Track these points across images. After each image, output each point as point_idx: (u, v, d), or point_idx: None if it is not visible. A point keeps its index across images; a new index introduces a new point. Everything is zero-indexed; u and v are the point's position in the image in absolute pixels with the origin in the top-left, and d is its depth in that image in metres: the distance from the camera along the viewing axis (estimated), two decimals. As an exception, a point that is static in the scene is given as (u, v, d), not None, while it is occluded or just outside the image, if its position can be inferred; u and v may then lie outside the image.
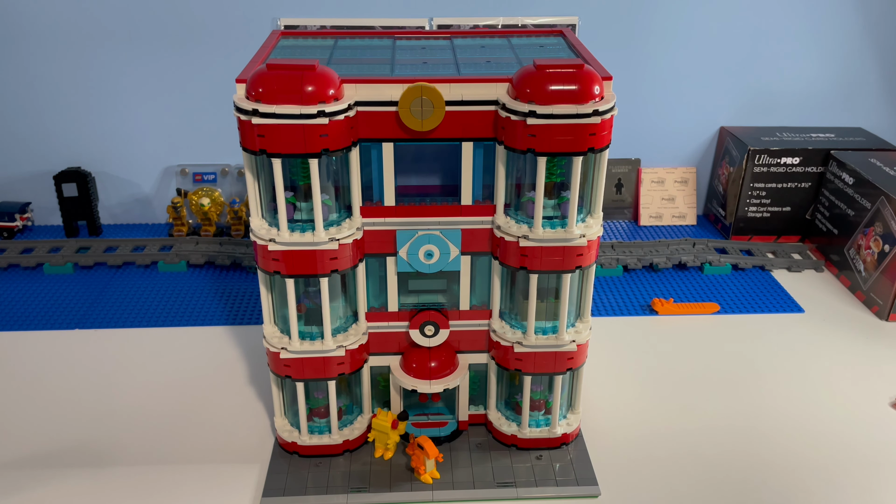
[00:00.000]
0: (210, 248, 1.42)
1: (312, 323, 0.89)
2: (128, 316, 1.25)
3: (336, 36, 0.99)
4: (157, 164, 1.53)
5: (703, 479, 0.92)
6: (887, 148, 1.45)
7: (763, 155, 1.44)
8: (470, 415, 0.98)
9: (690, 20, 1.46)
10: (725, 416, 1.03)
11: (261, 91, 0.75)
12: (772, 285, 1.35)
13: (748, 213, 1.49)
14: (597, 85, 0.77)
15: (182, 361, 1.13)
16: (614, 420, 1.01)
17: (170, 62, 1.44)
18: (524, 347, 0.88)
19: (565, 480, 0.90)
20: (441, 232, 0.85)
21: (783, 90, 1.54)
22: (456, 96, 0.78)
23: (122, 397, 1.05)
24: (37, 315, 1.24)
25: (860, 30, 1.49)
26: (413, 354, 0.92)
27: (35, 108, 1.47)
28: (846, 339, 1.20)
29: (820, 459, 0.95)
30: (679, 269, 1.40)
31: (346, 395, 0.95)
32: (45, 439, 0.97)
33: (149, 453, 0.95)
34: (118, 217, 1.57)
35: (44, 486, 0.90)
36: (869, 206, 1.29)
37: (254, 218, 0.83)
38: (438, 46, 0.95)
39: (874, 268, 1.27)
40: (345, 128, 0.77)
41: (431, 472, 0.90)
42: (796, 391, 1.08)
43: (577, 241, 0.82)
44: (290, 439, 0.93)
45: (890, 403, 1.05)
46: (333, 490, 0.89)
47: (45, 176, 1.50)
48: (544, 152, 0.78)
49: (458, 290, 0.90)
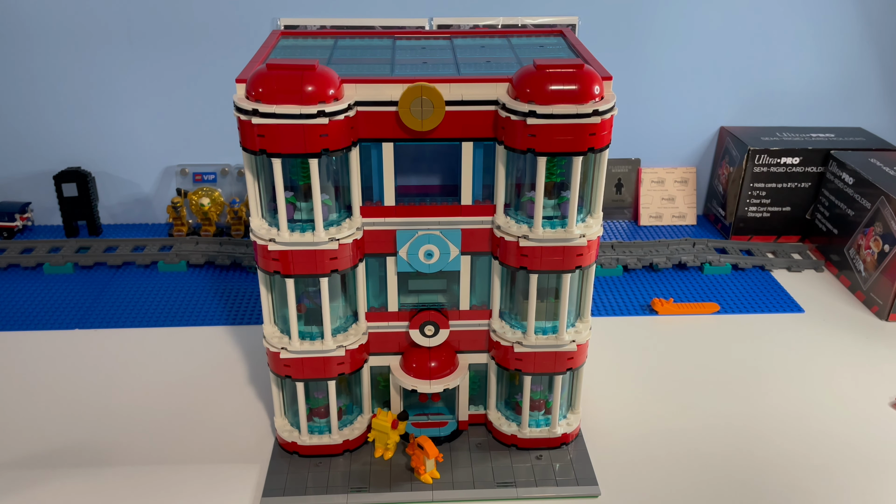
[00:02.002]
0: (210, 248, 1.42)
1: (312, 323, 0.89)
2: (128, 316, 1.25)
3: (336, 36, 0.99)
4: (157, 164, 1.53)
5: (703, 479, 0.92)
6: (887, 148, 1.45)
7: (763, 155, 1.44)
8: (470, 415, 0.98)
9: (690, 20, 1.46)
10: (725, 415, 1.03)
11: (261, 91, 0.75)
12: (772, 285, 1.35)
13: (748, 213, 1.49)
14: (597, 85, 0.77)
15: (182, 361, 1.13)
16: (614, 420, 1.01)
17: (170, 62, 1.44)
18: (524, 347, 0.88)
19: (565, 480, 0.90)
20: (441, 232, 0.85)
21: (783, 90, 1.54)
22: (456, 96, 0.78)
23: (122, 397, 1.05)
24: (37, 315, 1.24)
25: (860, 30, 1.49)
26: (413, 354, 0.92)
27: (35, 108, 1.47)
28: (846, 339, 1.20)
29: (820, 459, 0.95)
30: (679, 269, 1.40)
31: (346, 395, 0.95)
32: (45, 439, 0.97)
33: (149, 453, 0.95)
34: (118, 217, 1.57)
35: (44, 486, 0.90)
36: (869, 206, 1.29)
37: (254, 218, 0.83)
38: (438, 46, 0.95)
39: (874, 268, 1.27)
40: (345, 128, 0.77)
41: (431, 472, 0.90)
42: (796, 391, 1.08)
43: (577, 241, 0.82)
44: (290, 439, 0.93)
45: (890, 403, 1.05)
46: (333, 490, 0.89)
47: (45, 176, 1.50)
48: (544, 152, 0.78)
49: (458, 290, 0.90)
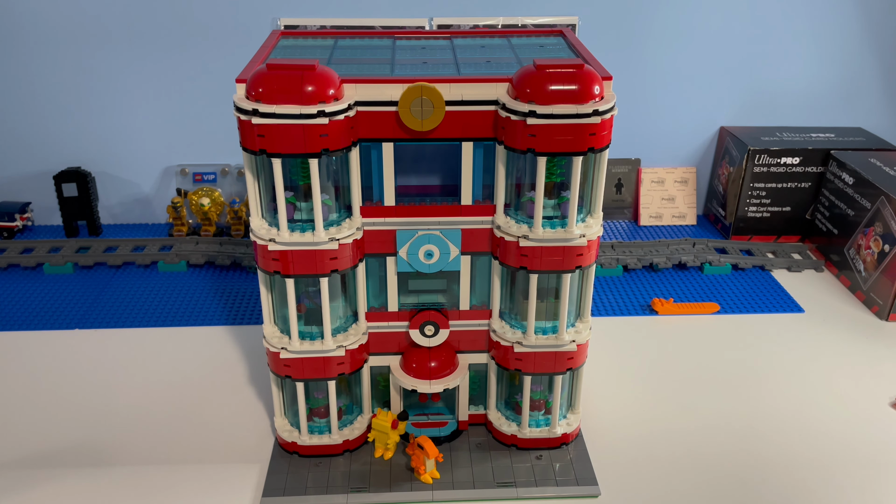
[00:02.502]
0: (210, 248, 1.42)
1: (312, 323, 0.89)
2: (128, 316, 1.25)
3: (336, 36, 0.99)
4: (157, 164, 1.53)
5: (703, 479, 0.92)
6: (887, 148, 1.45)
7: (763, 155, 1.44)
8: (470, 415, 0.98)
9: (690, 20, 1.46)
10: (725, 415, 1.03)
11: (261, 91, 0.75)
12: (772, 285, 1.35)
13: (748, 213, 1.49)
14: (597, 85, 0.77)
15: (182, 361, 1.13)
16: (614, 420, 1.01)
17: (170, 62, 1.44)
18: (524, 347, 0.88)
19: (565, 480, 0.90)
20: (441, 232, 0.85)
21: (783, 90, 1.54)
22: (456, 96, 0.78)
23: (122, 397, 1.05)
24: (37, 315, 1.24)
25: (860, 30, 1.49)
26: (413, 354, 0.91)
27: (35, 108, 1.46)
28: (846, 339, 1.20)
29: (820, 459, 0.95)
30: (679, 269, 1.40)
31: (346, 395, 0.95)
32: (45, 439, 0.97)
33: (149, 453, 0.95)
34: (118, 217, 1.57)
35: (44, 486, 0.90)
36: (869, 206, 1.29)
37: (254, 218, 0.83)
38: (438, 46, 0.95)
39: (874, 268, 1.27)
40: (345, 128, 0.77)
41: (431, 472, 0.90)
42: (796, 391, 1.08)
43: (577, 241, 0.82)
44: (290, 439, 0.93)
45: (890, 403, 1.05)
46: (333, 490, 0.89)
47: (45, 176, 1.50)
48: (544, 152, 0.78)
49: (458, 290, 0.90)
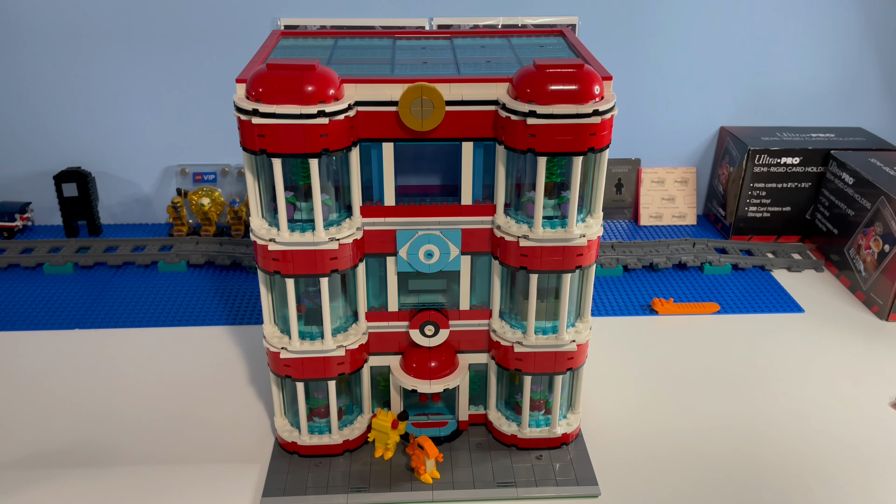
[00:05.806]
0: (210, 248, 1.42)
1: (312, 323, 0.89)
2: (128, 316, 1.25)
3: (336, 36, 0.99)
4: (157, 164, 1.53)
5: (703, 479, 0.92)
6: (887, 148, 1.45)
7: (763, 155, 1.44)
8: (470, 415, 0.98)
9: (690, 20, 1.46)
10: (725, 416, 1.03)
11: (261, 91, 0.75)
12: (772, 285, 1.35)
13: (748, 213, 1.49)
14: (597, 85, 0.77)
15: (182, 361, 1.13)
16: (614, 420, 1.01)
17: (170, 62, 1.44)
18: (524, 347, 0.88)
19: (565, 480, 0.90)
20: (441, 232, 0.85)
21: (783, 90, 1.54)
22: (456, 96, 0.78)
23: (122, 397, 1.05)
24: (37, 315, 1.24)
25: (860, 30, 1.49)
26: (413, 354, 0.91)
27: (35, 108, 1.46)
28: (846, 339, 1.20)
29: (820, 459, 0.95)
30: (679, 269, 1.40)
31: (346, 395, 0.95)
32: (45, 439, 0.97)
33: (149, 453, 0.95)
34: (118, 217, 1.57)
35: (44, 486, 0.90)
36: (869, 206, 1.29)
37: (254, 218, 0.83)
38: (438, 46, 0.95)
39: (874, 268, 1.27)
40: (345, 128, 0.77)
41: (431, 472, 0.90)
42: (796, 391, 1.08)
43: (577, 240, 0.82)
44: (290, 439, 0.93)
45: (890, 403, 1.05)
46: (333, 490, 0.89)
47: (45, 176, 1.50)
48: (544, 152, 0.78)
49: (458, 290, 0.90)
